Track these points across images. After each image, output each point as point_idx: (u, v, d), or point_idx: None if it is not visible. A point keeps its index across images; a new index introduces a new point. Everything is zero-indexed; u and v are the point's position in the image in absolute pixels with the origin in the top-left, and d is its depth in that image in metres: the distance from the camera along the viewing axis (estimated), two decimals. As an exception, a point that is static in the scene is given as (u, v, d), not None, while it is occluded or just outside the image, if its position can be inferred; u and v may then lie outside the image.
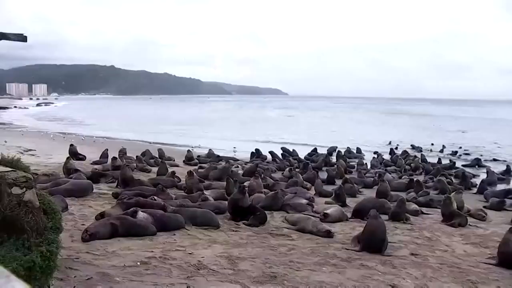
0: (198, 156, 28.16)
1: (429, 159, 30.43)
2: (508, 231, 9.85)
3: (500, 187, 22.51)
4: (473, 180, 23.91)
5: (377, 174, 22.61)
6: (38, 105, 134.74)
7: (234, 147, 36.99)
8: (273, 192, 15.23)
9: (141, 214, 10.36)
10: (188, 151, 28.17)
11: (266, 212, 12.60)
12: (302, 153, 31.93)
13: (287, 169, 23.08)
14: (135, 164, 21.51)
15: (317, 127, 64.67)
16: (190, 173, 16.80)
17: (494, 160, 34.45)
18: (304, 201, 15.14)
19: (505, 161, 33.82)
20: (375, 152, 34.24)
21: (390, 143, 42.11)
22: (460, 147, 41.46)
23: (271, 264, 8.43)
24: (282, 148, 31.95)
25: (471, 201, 18.08)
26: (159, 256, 8.42)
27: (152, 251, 8.70)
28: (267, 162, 27.11)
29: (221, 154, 29.60)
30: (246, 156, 30.00)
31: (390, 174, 24.22)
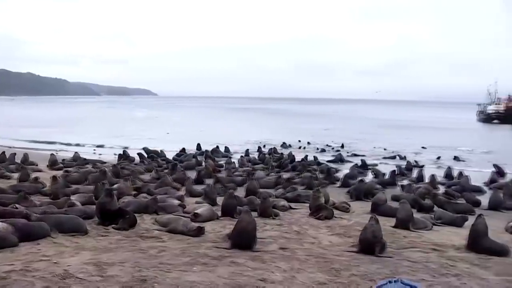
0: (63, 160, 26.85)
1: (296, 156, 31.59)
2: (369, 220, 10.56)
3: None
4: (336, 174, 25.27)
5: (245, 173, 23.02)
6: None
7: (94, 150, 36.05)
8: (146, 200, 14.84)
9: (-1, 224, 9.63)
10: (52, 154, 26.68)
11: (136, 214, 12.34)
12: (170, 153, 31.74)
13: (154, 170, 22.86)
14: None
15: (185, 127, 64.57)
16: (54, 178, 16.05)
17: (354, 155, 36.70)
18: (176, 201, 15.06)
19: (363, 155, 36.23)
20: (246, 151, 34.90)
21: (262, 145, 43.14)
22: (327, 145, 43.71)
23: (141, 267, 8.25)
24: (144, 149, 31.26)
25: (336, 194, 19.09)
26: (19, 268, 7.85)
27: (12, 264, 8.09)
28: (135, 164, 26.58)
29: (87, 157, 28.52)
30: (113, 158, 29.21)
31: (259, 171, 24.79)
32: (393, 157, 36.31)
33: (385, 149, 42.25)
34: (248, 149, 36.22)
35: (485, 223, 11.25)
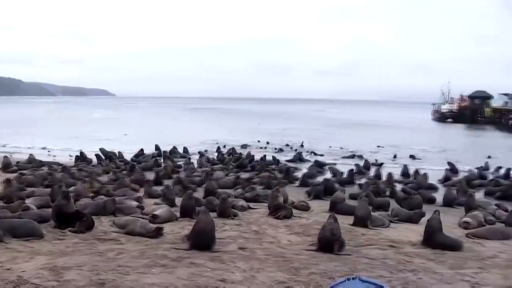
0: (17, 162, 26.11)
1: (255, 156, 31.65)
2: (327, 219, 10.67)
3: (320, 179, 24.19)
4: (295, 174, 25.44)
5: (204, 173, 22.91)
6: None
7: (49, 151, 35.32)
8: (103, 201, 14.62)
9: None
10: (5, 157, 25.83)
11: (93, 216, 12.13)
12: (128, 155, 31.37)
13: (112, 171, 22.56)
14: None
15: (143, 127, 63.86)
16: (8, 181, 15.61)
17: (314, 154, 37.06)
18: (134, 203, 14.88)
19: (322, 155, 36.62)
20: (204, 152, 34.76)
21: (221, 145, 42.99)
22: (287, 145, 43.95)
23: (99, 270, 8.13)
24: (101, 150, 30.70)
25: (295, 193, 19.20)
26: (-30, 276, 7.62)
27: (-38, 272, 7.84)
28: (93, 165, 26.13)
29: (42, 159, 27.85)
30: (69, 160, 28.67)
31: (218, 172, 24.73)
32: (352, 156, 36.77)
33: (341, 148, 42.84)
34: (206, 150, 36.13)
35: (439, 219, 11.56)
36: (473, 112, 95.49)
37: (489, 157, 36.93)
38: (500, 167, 29.31)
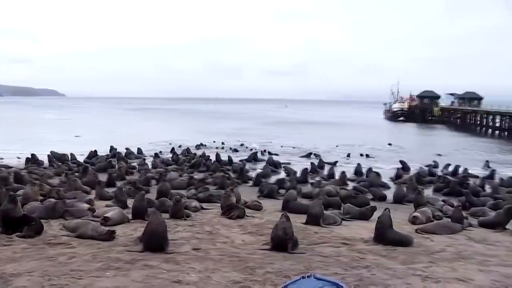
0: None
1: (210, 156, 31.61)
2: (280, 218, 10.73)
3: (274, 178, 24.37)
4: (249, 173, 25.53)
5: (158, 174, 22.71)
6: None
7: None
8: (53, 202, 14.27)
9: None
10: None
11: (42, 220, 11.82)
12: (81, 157, 30.79)
13: (64, 173, 22.12)
14: None
15: (95, 128, 62.69)
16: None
17: (269, 153, 37.31)
18: (85, 205, 14.58)
19: (277, 154, 36.84)
20: (159, 152, 34.45)
21: (176, 146, 42.70)
22: (241, 144, 44.04)
23: (51, 276, 7.92)
24: (51, 153, 29.89)
25: (248, 193, 19.26)
26: None
27: None
28: (44, 168, 25.54)
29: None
30: (17, 163, 27.94)
31: (172, 172, 24.56)
32: (309, 155, 37.09)
33: (293, 148, 43.23)
34: (161, 151, 35.80)
35: (390, 216, 11.80)
36: (423, 111, 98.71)
37: (439, 155, 38.10)
38: (449, 164, 30.28)
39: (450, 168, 29.32)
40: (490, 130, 74.50)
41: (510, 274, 9.27)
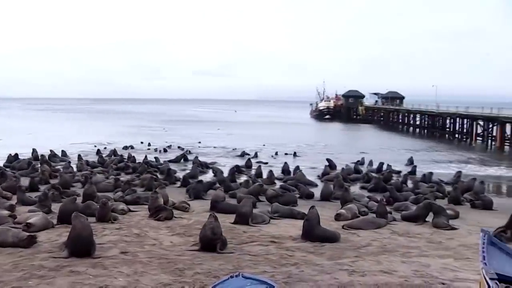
0: None
1: (136, 157, 31.16)
2: (208, 218, 10.75)
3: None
4: (177, 174, 25.32)
5: (83, 177, 22.11)
6: None
7: None
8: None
9: None
10: None
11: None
12: None
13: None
14: None
15: (13, 131, 59.39)
16: None
17: (197, 154, 37.17)
18: (5, 212, 13.94)
19: (207, 154, 36.80)
20: (81, 155, 33.53)
21: (102, 147, 41.60)
22: (170, 146, 43.58)
23: (-35, 290, 7.56)
24: None
25: (176, 194, 19.12)
26: None
27: None
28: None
29: None
30: None
31: (98, 175, 23.99)
32: (242, 155, 37.18)
33: (223, 147, 43.37)
34: (87, 154, 34.86)
35: (317, 213, 12.09)
36: (348, 110, 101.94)
37: (364, 152, 39.29)
38: (373, 162, 31.37)
39: (375, 165, 30.31)
40: (411, 128, 77.86)
41: (429, 263, 9.81)
